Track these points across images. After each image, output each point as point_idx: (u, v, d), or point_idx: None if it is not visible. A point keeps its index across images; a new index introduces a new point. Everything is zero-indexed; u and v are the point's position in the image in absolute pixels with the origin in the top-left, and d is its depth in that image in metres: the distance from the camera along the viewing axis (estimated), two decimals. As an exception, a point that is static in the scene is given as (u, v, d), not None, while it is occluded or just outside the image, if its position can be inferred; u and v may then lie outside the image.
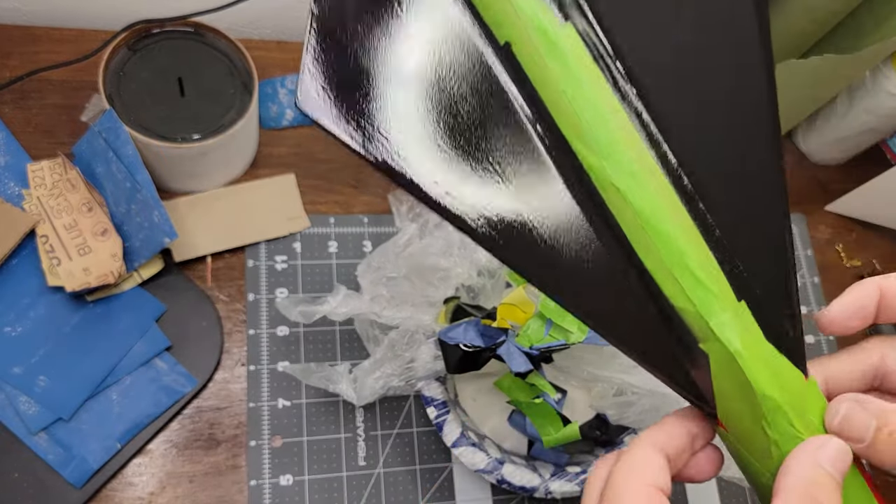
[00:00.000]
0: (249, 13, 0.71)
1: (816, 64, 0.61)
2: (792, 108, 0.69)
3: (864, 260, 0.80)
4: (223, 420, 0.59)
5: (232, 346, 0.61)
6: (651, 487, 0.26)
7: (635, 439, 0.27)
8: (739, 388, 0.26)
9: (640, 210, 0.26)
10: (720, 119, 0.27)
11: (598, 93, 0.26)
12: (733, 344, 0.26)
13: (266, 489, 0.57)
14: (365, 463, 0.60)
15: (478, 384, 0.61)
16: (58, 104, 0.65)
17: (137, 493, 0.56)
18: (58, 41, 0.67)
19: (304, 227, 0.66)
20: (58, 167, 0.59)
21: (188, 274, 0.62)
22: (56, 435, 0.55)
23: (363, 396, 0.55)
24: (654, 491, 0.26)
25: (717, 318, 0.26)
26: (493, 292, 0.60)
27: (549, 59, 0.26)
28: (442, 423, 0.54)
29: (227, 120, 0.59)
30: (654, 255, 0.26)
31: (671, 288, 0.26)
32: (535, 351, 0.50)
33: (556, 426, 0.54)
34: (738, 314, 0.26)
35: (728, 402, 0.26)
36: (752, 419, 0.26)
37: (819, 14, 0.61)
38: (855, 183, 0.79)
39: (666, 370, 0.27)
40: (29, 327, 0.56)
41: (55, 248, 0.57)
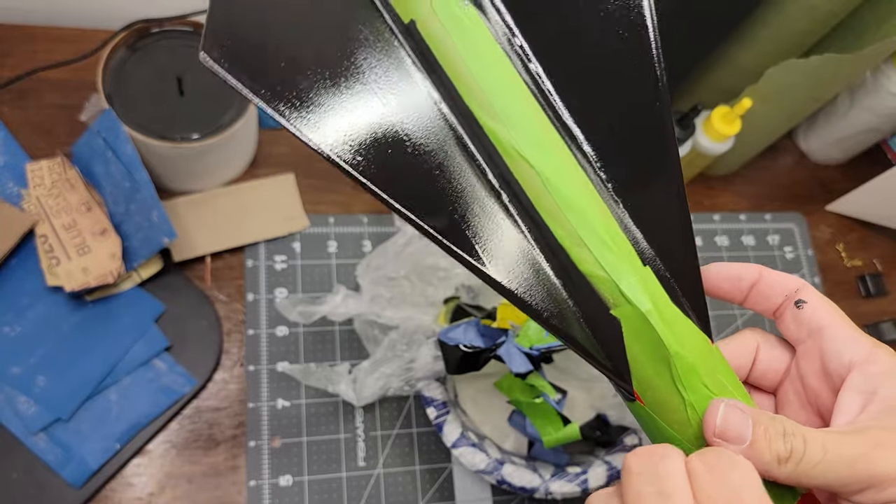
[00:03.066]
0: (249, 12, 0.71)
1: (817, 63, 0.61)
2: (792, 107, 0.69)
3: (864, 260, 0.80)
4: (222, 420, 0.59)
5: (231, 346, 0.61)
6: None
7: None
8: (653, 351, 0.26)
9: (547, 177, 0.27)
10: (613, 89, 0.28)
11: (501, 67, 0.27)
12: (644, 304, 0.26)
13: (265, 490, 0.57)
14: (365, 463, 0.60)
15: (478, 385, 0.61)
16: (57, 104, 0.65)
17: (136, 494, 0.55)
18: (57, 40, 0.67)
19: (304, 227, 0.66)
20: (57, 167, 0.59)
21: (187, 274, 0.62)
22: (55, 435, 0.54)
23: (363, 397, 0.55)
24: None
25: (626, 280, 0.26)
26: (494, 293, 0.60)
27: (453, 35, 0.27)
28: (442, 423, 0.54)
29: (227, 119, 0.59)
30: (562, 222, 0.27)
31: (579, 254, 0.27)
32: (536, 351, 0.50)
33: (556, 426, 0.53)
34: (644, 279, 0.27)
35: (642, 368, 0.26)
36: (666, 384, 0.26)
37: (819, 13, 0.60)
38: (855, 183, 0.79)
39: (580, 346, 0.27)
40: (28, 327, 0.56)
41: (54, 248, 0.56)
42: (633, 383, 0.27)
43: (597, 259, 0.27)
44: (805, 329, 0.29)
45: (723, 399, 0.26)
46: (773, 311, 0.30)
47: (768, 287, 0.29)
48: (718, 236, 0.77)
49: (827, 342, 0.28)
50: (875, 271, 0.80)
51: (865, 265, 0.80)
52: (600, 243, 0.27)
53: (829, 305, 0.29)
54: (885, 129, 0.76)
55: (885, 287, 0.79)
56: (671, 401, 0.26)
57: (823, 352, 0.28)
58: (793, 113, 0.70)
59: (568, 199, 0.27)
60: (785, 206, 0.81)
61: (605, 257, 0.27)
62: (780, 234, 0.79)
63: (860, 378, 0.27)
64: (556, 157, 0.27)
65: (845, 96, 0.76)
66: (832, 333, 0.28)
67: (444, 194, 0.27)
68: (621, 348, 0.27)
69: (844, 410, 0.26)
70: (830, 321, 0.28)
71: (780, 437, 0.24)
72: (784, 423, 0.25)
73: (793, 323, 0.29)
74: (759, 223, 0.79)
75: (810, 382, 0.29)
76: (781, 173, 0.83)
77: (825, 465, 0.24)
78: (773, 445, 0.24)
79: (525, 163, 0.27)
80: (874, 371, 0.26)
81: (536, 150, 0.27)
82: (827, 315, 0.28)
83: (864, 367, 0.27)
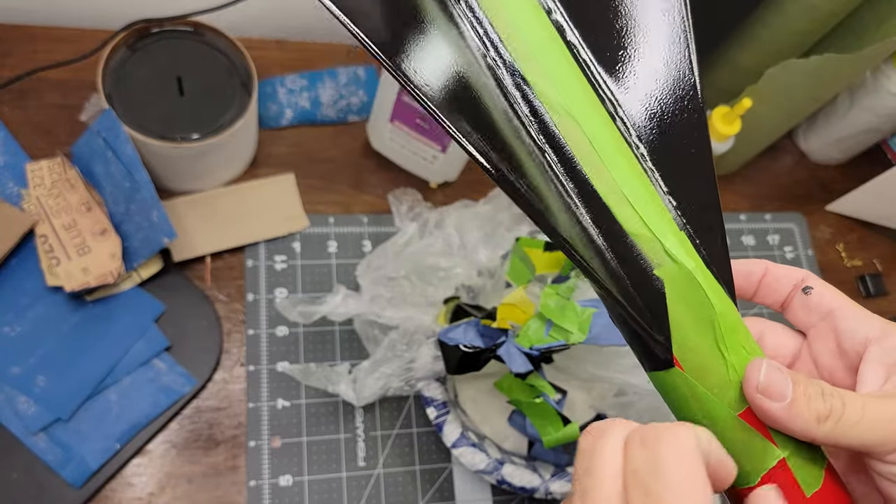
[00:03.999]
0: (249, 12, 0.71)
1: (817, 63, 0.61)
2: (792, 107, 0.69)
3: (864, 259, 0.80)
4: (222, 420, 0.59)
5: (231, 346, 0.61)
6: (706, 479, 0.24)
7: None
8: (697, 311, 0.26)
9: (593, 136, 0.27)
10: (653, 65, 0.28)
11: (545, 28, 0.27)
12: (689, 263, 0.27)
13: (265, 490, 0.57)
14: (364, 463, 0.60)
15: (478, 385, 0.61)
16: (57, 104, 0.65)
17: (136, 494, 0.55)
18: (57, 40, 0.67)
19: (304, 227, 0.66)
20: (57, 167, 0.59)
21: (187, 274, 0.62)
22: (55, 435, 0.54)
23: (363, 397, 0.55)
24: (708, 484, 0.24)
25: (669, 240, 0.27)
26: (493, 292, 0.60)
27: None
28: (442, 423, 0.54)
29: (227, 119, 0.59)
30: (606, 179, 0.27)
31: (624, 212, 0.27)
32: (536, 351, 0.50)
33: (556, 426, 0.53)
34: (682, 241, 0.27)
35: (684, 330, 0.26)
36: (709, 345, 0.26)
37: (819, 13, 0.60)
38: (855, 183, 0.79)
39: (625, 308, 0.27)
40: (28, 327, 0.56)
41: (54, 248, 0.56)
42: (675, 347, 0.26)
43: (641, 217, 0.27)
44: (815, 313, 0.30)
45: (763, 358, 0.26)
46: (782, 302, 0.31)
47: (775, 279, 0.30)
48: (718, 236, 0.77)
49: (840, 322, 0.29)
50: (875, 271, 0.80)
51: (865, 265, 0.80)
52: (643, 202, 0.27)
53: (835, 290, 0.30)
54: (885, 129, 0.76)
55: (885, 287, 0.79)
56: (713, 363, 0.26)
57: (838, 331, 0.29)
58: (793, 113, 0.70)
59: (612, 157, 0.27)
60: (785, 206, 0.81)
61: (649, 216, 0.27)
62: (780, 234, 0.79)
63: (879, 351, 0.27)
64: (599, 118, 0.27)
65: (845, 96, 0.76)
66: (844, 314, 0.29)
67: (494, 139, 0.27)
68: (663, 310, 0.26)
69: (868, 381, 0.27)
70: (840, 303, 0.29)
71: (819, 396, 0.25)
72: (822, 385, 0.25)
73: (802, 309, 0.30)
74: (759, 223, 0.79)
75: (825, 362, 0.30)
76: (781, 173, 0.83)
77: (864, 424, 0.25)
78: (812, 404, 0.25)
79: (572, 120, 0.27)
80: (891, 345, 0.27)
81: (582, 108, 0.27)
82: (835, 298, 0.29)
83: (882, 341, 0.28)
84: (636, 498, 0.22)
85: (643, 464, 0.23)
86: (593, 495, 0.23)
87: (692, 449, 0.23)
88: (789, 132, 0.84)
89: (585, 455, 0.24)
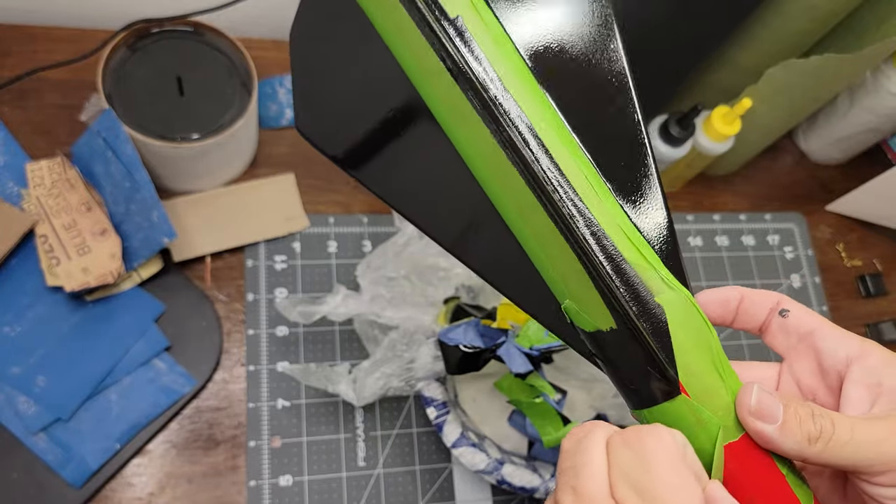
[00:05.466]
0: (249, 12, 0.71)
1: (817, 63, 0.61)
2: (792, 107, 0.69)
3: (864, 260, 0.80)
4: (222, 420, 0.59)
5: (231, 346, 0.61)
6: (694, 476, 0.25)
7: None
8: (696, 336, 0.27)
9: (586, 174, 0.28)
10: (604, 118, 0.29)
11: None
12: (683, 289, 0.27)
13: (265, 490, 0.57)
14: (365, 463, 0.60)
15: (478, 385, 0.61)
16: (57, 104, 0.65)
17: (136, 494, 0.55)
18: (56, 40, 0.67)
19: (304, 227, 0.66)
20: (57, 167, 0.59)
21: (187, 274, 0.62)
22: (55, 435, 0.54)
23: (363, 397, 0.55)
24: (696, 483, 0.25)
25: (662, 269, 0.28)
26: (493, 292, 0.60)
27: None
28: (442, 423, 0.54)
29: (227, 119, 0.59)
30: (603, 212, 0.27)
31: (621, 242, 0.27)
32: (536, 351, 0.50)
33: (556, 426, 0.53)
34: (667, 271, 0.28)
35: (687, 355, 0.27)
36: (709, 369, 0.27)
37: (819, 13, 0.60)
38: (855, 183, 0.79)
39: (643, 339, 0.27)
40: (28, 327, 0.56)
41: (54, 248, 0.56)
42: (680, 372, 0.27)
43: (636, 247, 0.27)
44: (794, 335, 0.30)
45: (754, 383, 0.27)
46: (759, 326, 0.31)
47: (752, 304, 0.31)
48: (718, 236, 0.77)
49: (819, 341, 0.29)
50: (875, 271, 0.80)
51: (865, 265, 0.80)
52: (633, 233, 0.28)
53: (810, 311, 0.31)
54: (885, 129, 0.76)
55: (885, 287, 0.79)
56: (714, 386, 0.27)
57: (818, 350, 0.29)
58: (793, 113, 0.70)
59: (603, 194, 0.28)
60: (785, 206, 0.81)
61: (643, 246, 0.28)
62: (780, 234, 0.79)
63: (860, 371, 0.28)
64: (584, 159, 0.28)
65: (845, 96, 0.76)
66: (822, 334, 0.29)
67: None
68: (667, 337, 0.27)
69: (854, 401, 0.28)
70: (818, 324, 0.30)
71: (809, 417, 0.26)
72: (812, 406, 0.26)
73: (780, 332, 0.31)
74: (759, 223, 0.79)
75: (807, 382, 0.30)
76: (781, 173, 0.83)
77: (854, 445, 0.25)
78: (803, 426, 0.26)
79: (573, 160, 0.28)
80: (872, 364, 0.28)
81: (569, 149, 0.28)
82: (812, 319, 0.30)
83: (861, 360, 0.28)
84: (625, 494, 0.23)
85: (630, 462, 0.24)
86: (584, 491, 0.24)
87: (674, 447, 0.24)
88: (789, 132, 0.84)
89: (569, 454, 0.25)
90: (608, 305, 0.27)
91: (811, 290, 0.77)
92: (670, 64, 0.62)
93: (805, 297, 0.76)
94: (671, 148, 0.66)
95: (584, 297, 0.27)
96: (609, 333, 0.27)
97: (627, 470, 0.24)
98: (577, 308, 0.28)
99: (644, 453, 0.24)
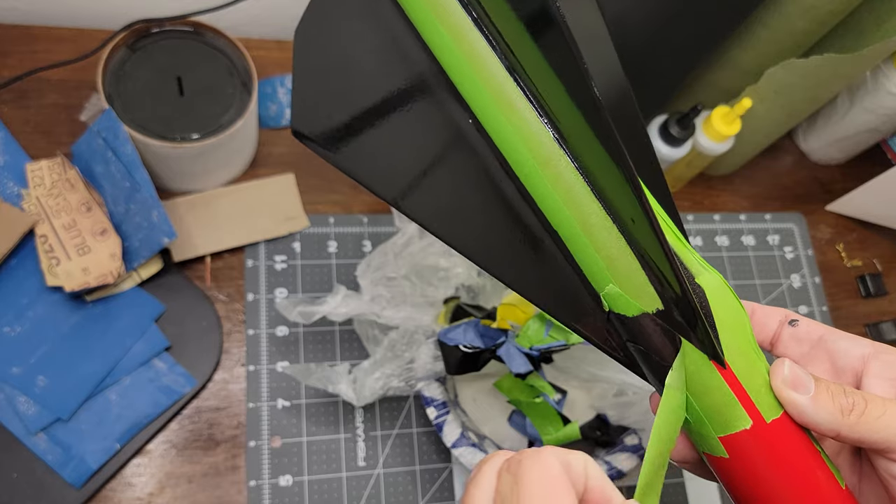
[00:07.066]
0: (249, 12, 0.71)
1: (817, 63, 0.61)
2: (792, 107, 0.69)
3: (864, 260, 0.80)
4: (222, 420, 0.59)
5: (231, 346, 0.61)
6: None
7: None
8: (734, 315, 0.28)
9: (648, 194, 0.29)
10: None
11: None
12: (716, 272, 0.29)
13: (265, 490, 0.57)
14: (364, 463, 0.60)
15: (478, 385, 0.61)
16: (57, 104, 0.65)
17: (136, 494, 0.55)
18: (56, 40, 0.67)
19: (304, 227, 0.66)
20: (57, 167, 0.59)
21: (187, 274, 0.62)
22: (55, 435, 0.54)
23: (363, 397, 0.55)
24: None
25: (696, 254, 0.29)
26: (493, 292, 0.60)
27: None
28: (442, 423, 0.54)
29: (227, 119, 0.59)
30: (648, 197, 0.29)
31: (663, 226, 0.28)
32: (535, 352, 0.50)
33: (556, 426, 0.53)
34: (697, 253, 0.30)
35: (728, 334, 0.28)
36: (749, 349, 0.28)
37: (819, 14, 0.60)
38: (855, 183, 0.79)
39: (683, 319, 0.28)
40: (28, 327, 0.56)
41: (54, 248, 0.56)
42: (725, 351, 0.27)
43: (674, 231, 0.29)
44: (806, 341, 0.31)
45: (785, 358, 0.28)
46: (770, 338, 0.32)
47: (764, 317, 0.32)
48: (718, 236, 0.77)
49: (832, 343, 0.30)
50: (875, 271, 0.80)
51: (865, 265, 0.80)
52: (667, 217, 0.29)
53: (817, 322, 0.32)
54: (884, 129, 0.76)
55: (885, 287, 0.79)
56: (756, 363, 0.28)
57: (832, 351, 0.30)
58: (793, 113, 0.70)
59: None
60: (785, 206, 0.81)
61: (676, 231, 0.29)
62: (780, 234, 0.79)
63: (879, 366, 0.29)
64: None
65: (845, 96, 0.76)
66: (834, 337, 0.30)
67: None
68: (710, 317, 0.28)
69: (876, 392, 0.28)
70: (827, 330, 0.31)
71: (841, 392, 0.27)
72: (843, 385, 0.27)
73: (792, 340, 0.31)
74: (759, 223, 0.79)
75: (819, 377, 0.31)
76: (781, 173, 0.83)
77: (886, 419, 0.26)
78: (836, 398, 0.27)
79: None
80: (889, 359, 0.29)
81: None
82: (820, 327, 0.31)
83: (878, 357, 0.29)
84: None
85: (506, 486, 0.24)
86: None
87: (555, 470, 0.24)
88: (789, 132, 0.84)
89: (468, 486, 0.26)
90: (657, 286, 0.27)
91: (811, 290, 0.77)
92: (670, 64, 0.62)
93: (805, 297, 0.76)
94: (671, 148, 0.67)
95: (630, 280, 0.28)
96: (652, 317, 0.28)
97: (503, 496, 0.24)
98: (622, 292, 0.28)
99: (520, 479, 0.23)
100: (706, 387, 0.27)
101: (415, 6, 0.31)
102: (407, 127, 0.31)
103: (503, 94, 0.29)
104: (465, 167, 0.31)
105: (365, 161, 0.32)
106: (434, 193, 0.31)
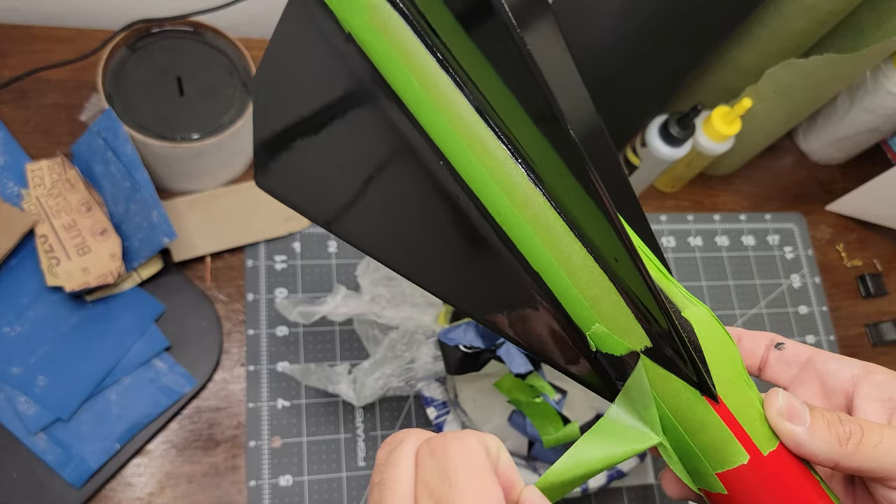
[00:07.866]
0: (249, 12, 0.71)
1: (817, 63, 0.61)
2: (792, 107, 0.69)
3: (864, 260, 0.80)
4: (222, 420, 0.59)
5: (231, 346, 0.61)
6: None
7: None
8: (722, 347, 0.27)
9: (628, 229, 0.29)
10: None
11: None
12: (702, 304, 0.28)
13: (265, 490, 0.57)
14: (364, 463, 0.60)
15: (478, 385, 0.61)
16: (56, 104, 0.65)
17: (136, 494, 0.55)
18: (56, 40, 0.67)
19: (304, 227, 0.66)
20: (57, 167, 0.59)
21: (187, 274, 0.62)
22: (55, 435, 0.54)
23: (363, 397, 0.55)
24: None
25: (681, 287, 0.29)
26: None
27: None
28: (442, 423, 0.54)
29: (227, 119, 0.59)
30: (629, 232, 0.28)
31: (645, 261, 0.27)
32: (536, 351, 0.50)
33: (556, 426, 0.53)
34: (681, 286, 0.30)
35: (719, 367, 0.27)
36: (740, 380, 0.27)
37: (819, 13, 0.60)
38: (855, 183, 0.79)
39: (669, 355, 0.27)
40: (28, 327, 0.56)
41: (54, 248, 0.56)
42: (717, 386, 0.27)
43: (656, 265, 0.28)
44: (794, 364, 0.31)
45: (778, 388, 0.27)
46: (758, 363, 0.32)
47: (750, 343, 0.32)
48: (718, 236, 0.77)
49: (821, 365, 0.30)
50: (875, 271, 0.80)
51: (865, 265, 0.80)
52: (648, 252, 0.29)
53: (802, 343, 0.31)
54: (884, 129, 0.76)
55: (885, 287, 0.79)
56: (748, 395, 0.27)
57: (821, 373, 0.30)
58: (793, 113, 0.70)
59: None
60: (785, 206, 0.81)
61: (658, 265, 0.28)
62: (780, 234, 0.79)
63: (870, 387, 0.28)
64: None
65: (845, 96, 0.76)
66: (822, 358, 0.30)
67: None
68: (699, 350, 0.27)
69: (870, 416, 0.28)
70: (814, 351, 0.30)
71: (837, 420, 0.26)
72: (838, 413, 0.27)
73: (779, 364, 0.31)
74: (759, 223, 0.79)
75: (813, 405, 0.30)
76: (781, 173, 0.83)
77: (884, 447, 0.25)
78: (832, 427, 0.26)
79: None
80: (879, 380, 0.28)
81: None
82: (807, 349, 0.31)
83: (868, 377, 0.29)
84: None
85: (433, 473, 0.23)
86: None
87: (481, 457, 0.23)
88: (789, 132, 0.84)
89: (380, 468, 0.24)
90: (643, 323, 0.27)
91: (811, 290, 0.77)
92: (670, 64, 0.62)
93: (805, 297, 0.76)
94: (671, 148, 0.66)
95: (615, 319, 0.27)
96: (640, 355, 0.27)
97: (431, 484, 0.22)
98: (608, 332, 0.27)
99: (448, 463, 0.22)
100: (701, 424, 0.27)
101: (378, 51, 0.30)
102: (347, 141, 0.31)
103: (475, 137, 0.28)
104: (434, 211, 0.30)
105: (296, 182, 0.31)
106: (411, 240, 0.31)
